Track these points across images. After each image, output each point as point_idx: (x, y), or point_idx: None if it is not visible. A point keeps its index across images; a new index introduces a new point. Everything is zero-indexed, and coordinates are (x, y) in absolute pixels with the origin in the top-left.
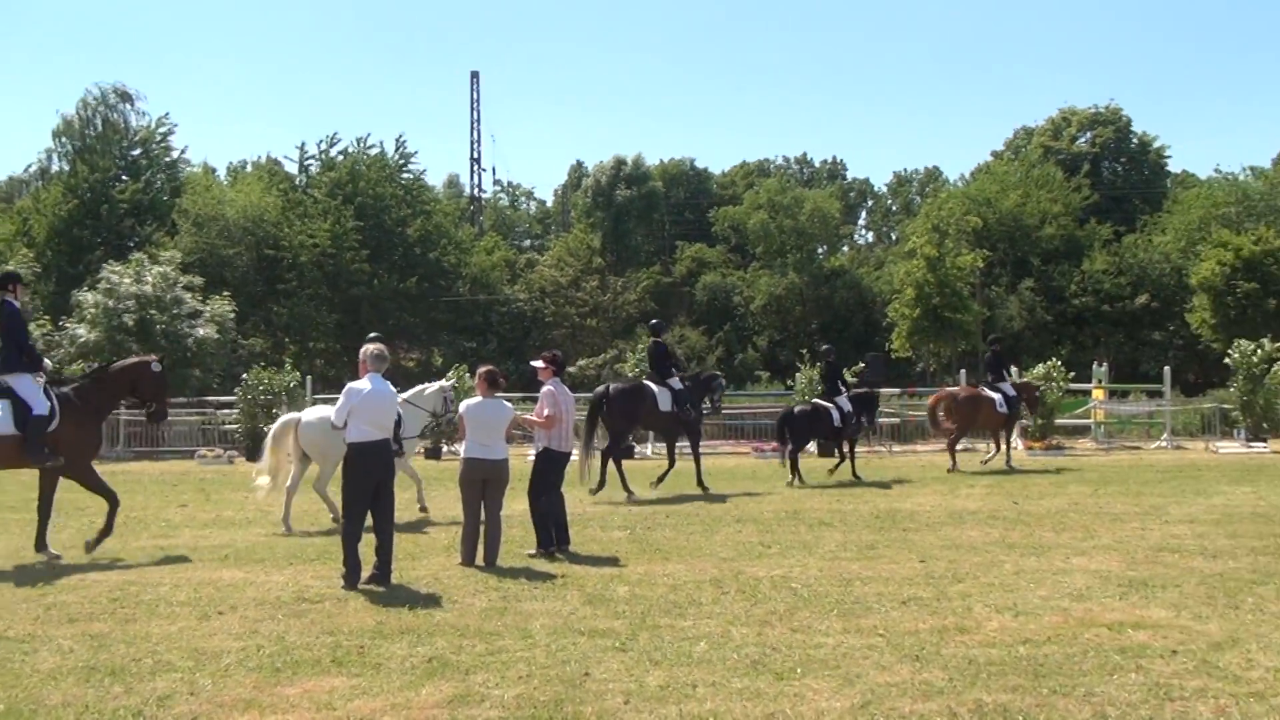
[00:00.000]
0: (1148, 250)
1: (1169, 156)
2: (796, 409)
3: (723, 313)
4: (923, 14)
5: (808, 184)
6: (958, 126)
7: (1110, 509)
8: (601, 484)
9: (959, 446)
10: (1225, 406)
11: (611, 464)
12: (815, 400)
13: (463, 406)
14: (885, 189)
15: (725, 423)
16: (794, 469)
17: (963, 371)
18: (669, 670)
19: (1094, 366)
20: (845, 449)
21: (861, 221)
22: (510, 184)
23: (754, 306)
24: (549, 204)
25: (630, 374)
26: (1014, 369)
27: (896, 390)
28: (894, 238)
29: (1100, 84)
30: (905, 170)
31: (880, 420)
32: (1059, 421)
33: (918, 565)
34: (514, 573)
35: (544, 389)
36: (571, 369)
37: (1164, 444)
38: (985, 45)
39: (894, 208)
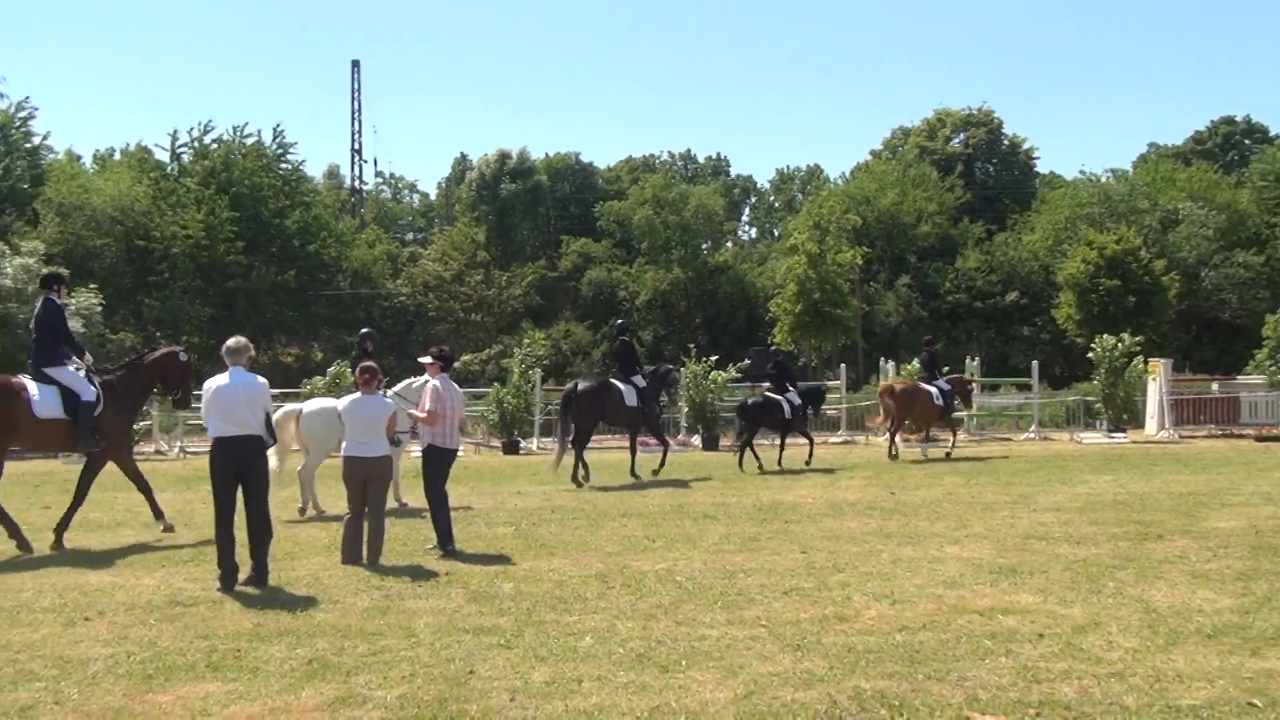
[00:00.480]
0: (1017, 249)
1: (1038, 158)
2: (750, 401)
3: (608, 308)
4: (804, 14)
5: (692, 180)
6: (839, 126)
7: (982, 499)
8: (587, 475)
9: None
10: (1089, 399)
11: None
12: (767, 393)
13: (341, 404)
14: (768, 186)
15: None
16: (743, 455)
17: (892, 364)
18: (554, 666)
19: (967, 361)
20: (790, 438)
21: (745, 218)
22: (392, 176)
23: (639, 301)
24: (432, 197)
25: (518, 370)
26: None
27: None
28: (776, 234)
29: (973, 86)
30: (788, 168)
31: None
32: None
33: (799, 556)
34: (397, 571)
35: (429, 385)
36: (456, 364)
37: (1032, 435)
38: (865, 46)
39: (777, 205)
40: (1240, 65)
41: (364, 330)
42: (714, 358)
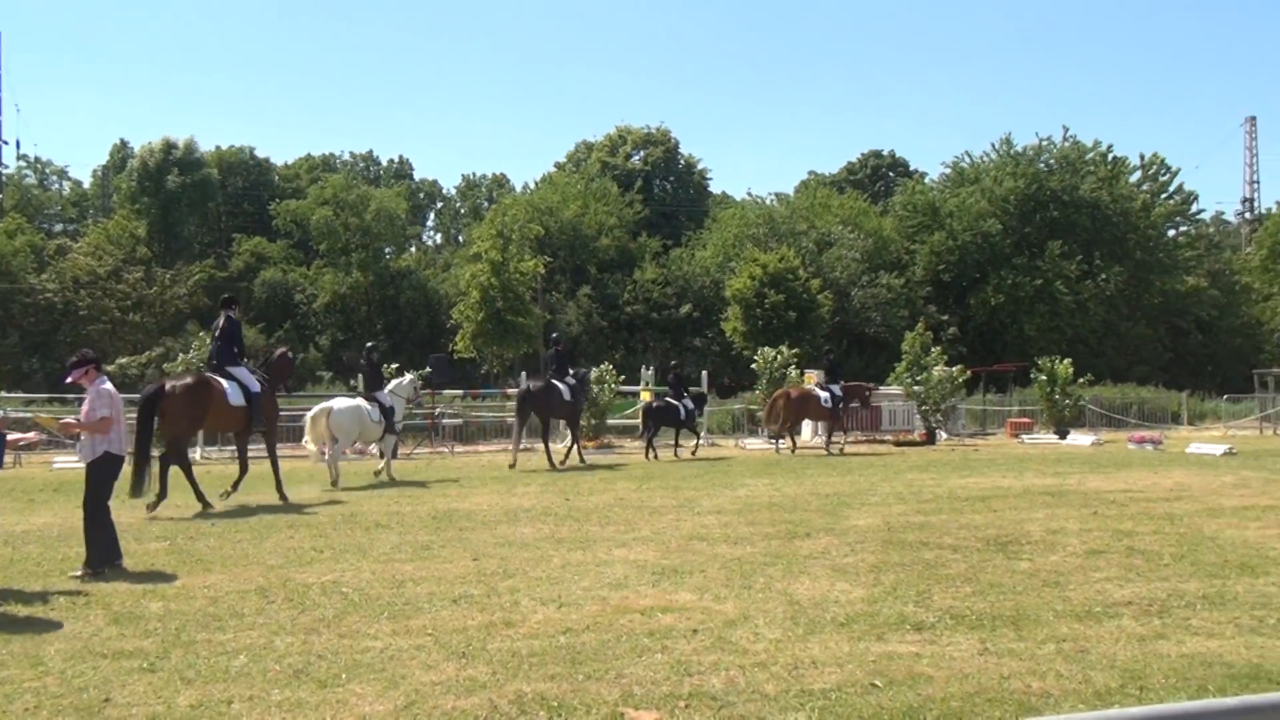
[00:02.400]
0: (691, 263)
1: (711, 179)
2: (654, 404)
3: (283, 310)
4: (491, 22)
5: (374, 182)
6: (526, 136)
7: (651, 503)
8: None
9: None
10: (752, 407)
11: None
12: (667, 399)
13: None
14: (454, 192)
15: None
16: (649, 449)
17: (795, 369)
18: (202, 688)
19: (642, 370)
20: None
21: (430, 223)
22: (39, 160)
23: (316, 305)
24: (86, 185)
25: (181, 370)
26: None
27: (460, 392)
28: (462, 241)
29: (653, 106)
30: (474, 174)
31: (445, 421)
32: (610, 421)
33: (471, 564)
34: (26, 597)
35: (100, 388)
36: (111, 367)
37: (702, 442)
38: (551, 58)
39: (463, 211)
40: (887, 104)
41: (369, 344)
42: (394, 365)
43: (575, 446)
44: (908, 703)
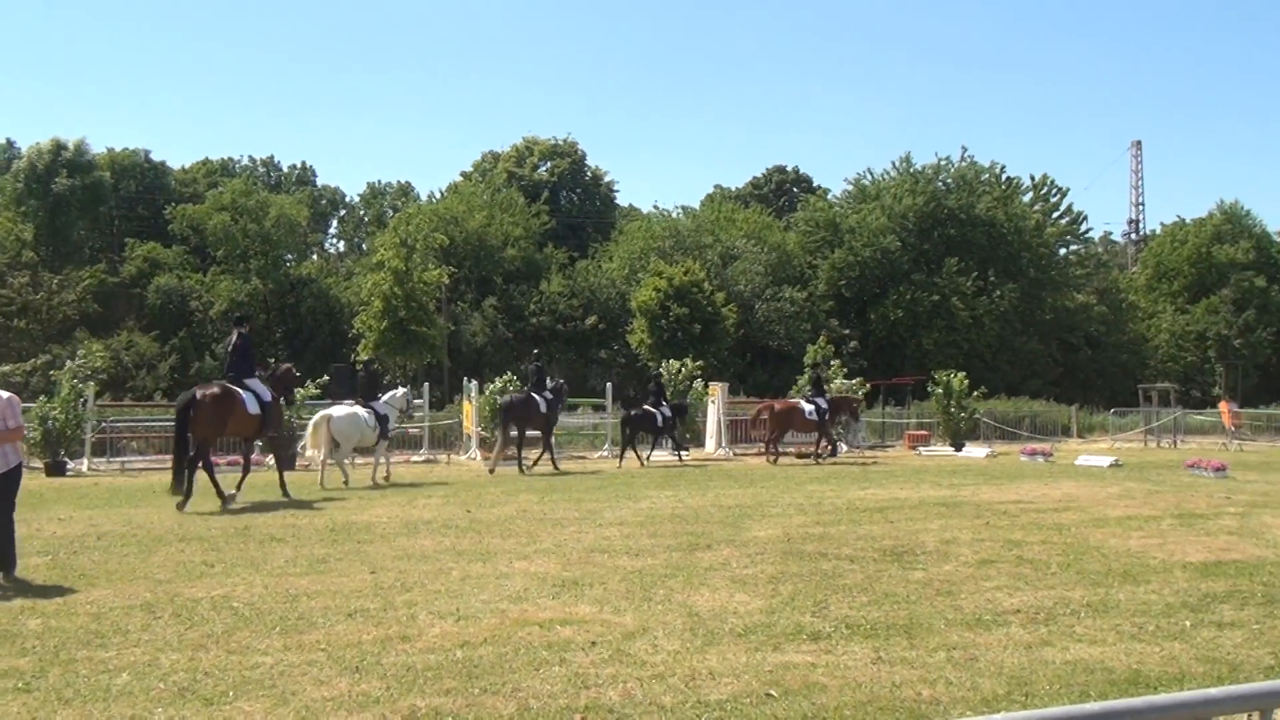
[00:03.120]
0: (598, 275)
1: (618, 191)
2: (634, 413)
3: (178, 317)
4: (397, 28)
5: (275, 188)
6: (432, 144)
7: (553, 515)
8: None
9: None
10: None
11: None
12: (645, 407)
13: None
14: (358, 199)
15: None
16: (623, 456)
17: (475, 383)
18: (81, 708)
19: (547, 382)
20: (662, 441)
21: (333, 230)
22: None
23: (213, 313)
24: None
25: (67, 383)
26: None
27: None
28: (365, 249)
29: (560, 117)
30: (379, 182)
31: None
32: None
33: (368, 577)
34: None
35: (4, 396)
36: None
37: (605, 454)
38: (460, 67)
39: (366, 219)
40: (792, 121)
41: (366, 359)
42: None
43: (549, 454)
44: (802, 712)
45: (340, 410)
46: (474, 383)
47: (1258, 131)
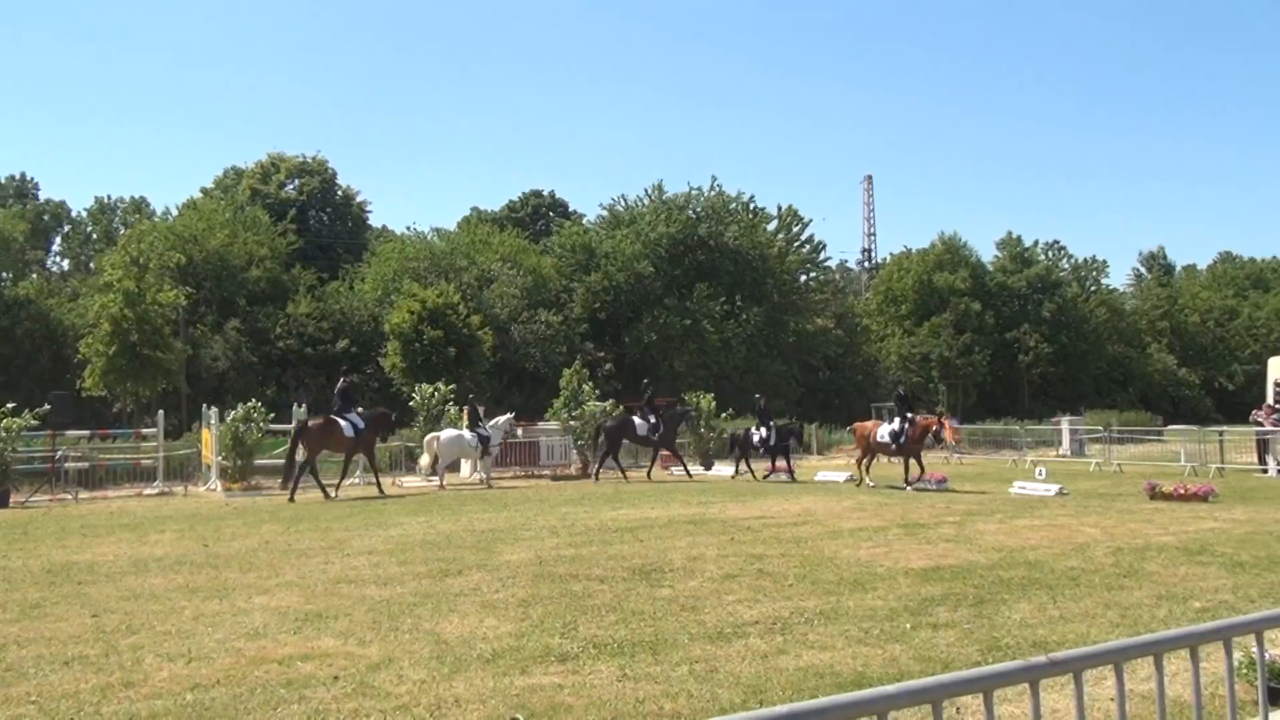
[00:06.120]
0: (349, 297)
1: (371, 211)
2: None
3: None
4: (130, 31)
5: None
6: (169, 157)
7: (298, 546)
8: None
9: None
10: (410, 444)
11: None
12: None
13: None
14: (85, 214)
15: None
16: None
17: (215, 410)
18: None
19: (294, 408)
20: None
21: (56, 248)
22: None
23: None
24: None
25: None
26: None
27: (87, 433)
28: (94, 268)
29: (309, 134)
30: (109, 197)
31: (69, 465)
32: (259, 462)
33: (88, 620)
34: None
35: None
36: None
37: (355, 481)
38: (202, 75)
39: (95, 236)
40: (548, 145)
41: (471, 395)
42: (10, 404)
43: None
44: None
45: (447, 433)
46: (214, 410)
47: (975, 169)
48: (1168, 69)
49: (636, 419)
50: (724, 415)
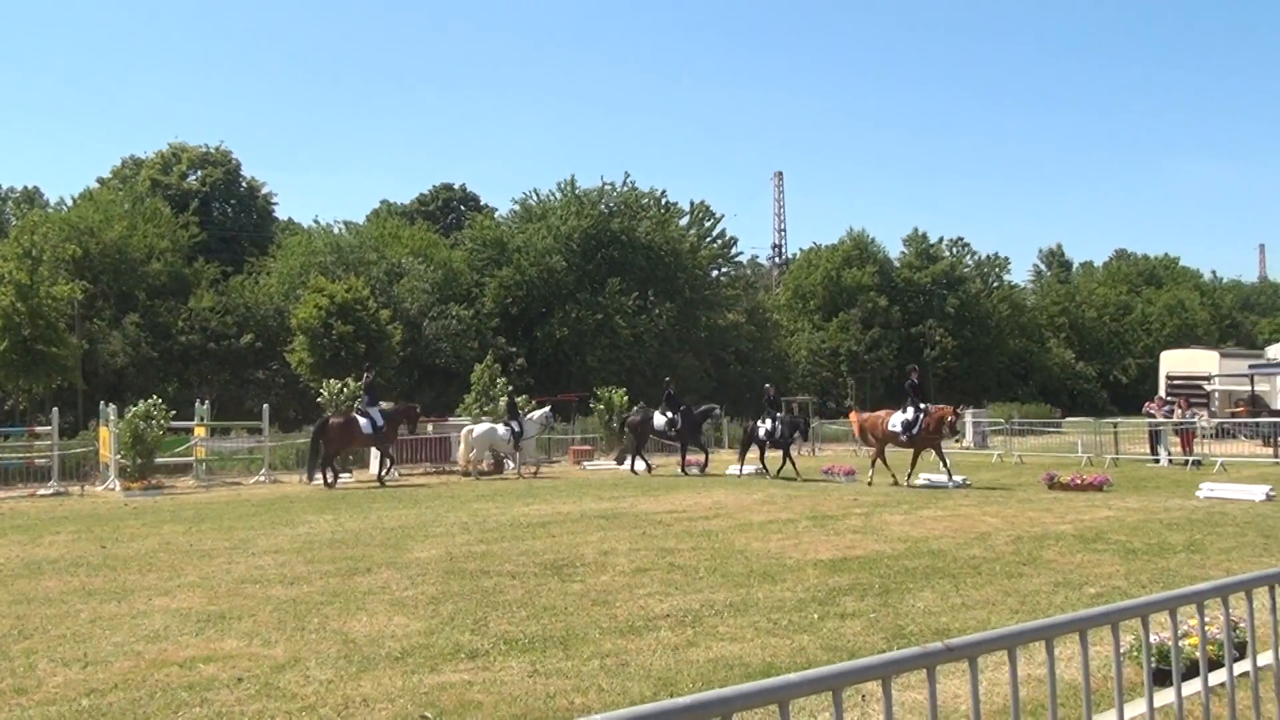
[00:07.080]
0: (254, 291)
1: (276, 203)
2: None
3: None
4: (22, 14)
5: None
6: (63, 146)
7: (201, 546)
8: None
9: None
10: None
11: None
12: (650, 414)
13: None
14: None
15: None
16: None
17: (114, 407)
18: None
19: (197, 404)
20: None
21: None
22: None
23: None
24: None
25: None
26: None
27: None
28: None
29: (211, 124)
30: (1, 188)
31: None
32: (160, 460)
33: None
34: None
35: None
36: None
37: (262, 479)
38: (99, 62)
39: None
40: (459, 138)
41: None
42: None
43: (686, 458)
44: None
45: (480, 427)
46: (113, 407)
47: (883, 168)
48: (1067, 74)
49: (656, 415)
50: (635, 410)
